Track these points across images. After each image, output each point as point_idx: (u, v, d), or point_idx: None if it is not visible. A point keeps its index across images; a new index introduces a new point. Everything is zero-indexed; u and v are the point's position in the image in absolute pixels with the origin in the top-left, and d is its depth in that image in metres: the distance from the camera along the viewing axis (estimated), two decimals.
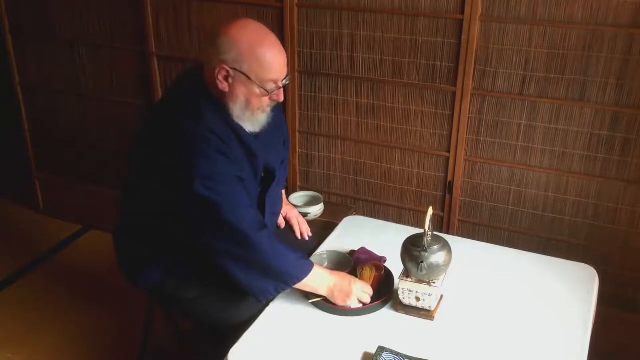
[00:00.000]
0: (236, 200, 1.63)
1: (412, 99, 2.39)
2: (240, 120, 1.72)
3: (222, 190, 1.61)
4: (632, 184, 2.18)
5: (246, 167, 1.74)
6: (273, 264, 1.66)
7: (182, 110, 1.69)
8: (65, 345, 2.48)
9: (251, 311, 1.75)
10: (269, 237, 1.66)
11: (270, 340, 1.62)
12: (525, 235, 2.40)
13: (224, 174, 1.63)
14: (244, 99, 1.67)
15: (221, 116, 1.69)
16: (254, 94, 1.67)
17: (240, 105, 1.68)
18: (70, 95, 3.08)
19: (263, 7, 2.49)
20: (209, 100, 1.69)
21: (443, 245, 1.66)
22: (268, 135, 1.84)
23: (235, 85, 1.65)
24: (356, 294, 1.73)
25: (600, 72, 2.09)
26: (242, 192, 1.66)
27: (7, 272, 2.94)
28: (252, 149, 1.75)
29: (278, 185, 1.95)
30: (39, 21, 2.99)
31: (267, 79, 1.66)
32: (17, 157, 3.45)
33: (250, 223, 1.63)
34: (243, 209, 1.63)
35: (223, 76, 1.64)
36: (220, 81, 1.65)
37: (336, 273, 1.77)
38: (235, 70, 1.63)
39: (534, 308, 1.74)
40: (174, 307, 2.00)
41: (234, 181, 1.65)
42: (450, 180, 2.44)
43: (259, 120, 1.75)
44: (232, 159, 1.67)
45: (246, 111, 1.70)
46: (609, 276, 2.26)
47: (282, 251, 1.68)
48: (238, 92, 1.66)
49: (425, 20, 2.26)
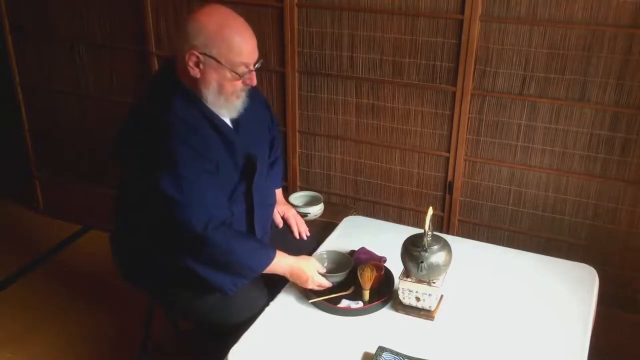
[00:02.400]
0: (191, 198, 1.61)
1: (412, 99, 2.39)
2: (215, 107, 1.72)
3: (182, 186, 1.61)
4: (632, 184, 2.18)
5: (222, 156, 1.74)
6: (230, 259, 1.67)
7: (152, 103, 1.70)
8: (65, 345, 2.48)
9: (251, 311, 1.75)
10: (225, 233, 1.65)
11: (270, 340, 1.62)
12: (525, 235, 2.40)
13: (186, 170, 1.62)
14: (216, 84, 1.67)
15: (194, 105, 1.69)
16: (226, 78, 1.67)
17: (213, 90, 1.68)
18: (70, 95, 3.08)
19: (263, 7, 2.49)
20: (179, 91, 1.69)
21: (443, 245, 1.66)
22: (250, 128, 1.84)
23: (206, 70, 1.65)
24: (314, 277, 1.75)
25: (600, 72, 2.09)
26: (203, 188, 1.64)
27: (7, 272, 2.94)
28: (229, 137, 1.75)
29: (264, 177, 1.92)
30: (39, 21, 2.99)
31: (238, 62, 1.66)
32: (17, 157, 3.45)
33: (202, 220, 1.61)
34: (197, 206, 1.62)
35: (194, 62, 1.64)
36: (191, 67, 1.65)
37: (300, 259, 1.78)
38: (205, 55, 1.63)
39: (534, 308, 1.74)
40: (173, 307, 2.00)
41: (197, 176, 1.63)
42: (450, 180, 2.44)
43: (235, 106, 1.75)
44: (200, 150, 1.66)
45: (220, 97, 1.70)
46: (609, 276, 2.26)
47: (240, 246, 1.68)
48: (210, 78, 1.66)
49: (425, 20, 2.26)
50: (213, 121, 1.72)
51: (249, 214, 1.84)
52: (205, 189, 1.65)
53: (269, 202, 2.00)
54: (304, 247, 2.07)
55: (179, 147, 1.62)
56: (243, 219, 1.84)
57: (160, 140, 1.63)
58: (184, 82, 1.70)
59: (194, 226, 1.61)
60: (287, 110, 2.61)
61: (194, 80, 1.68)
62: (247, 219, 1.84)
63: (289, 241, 2.10)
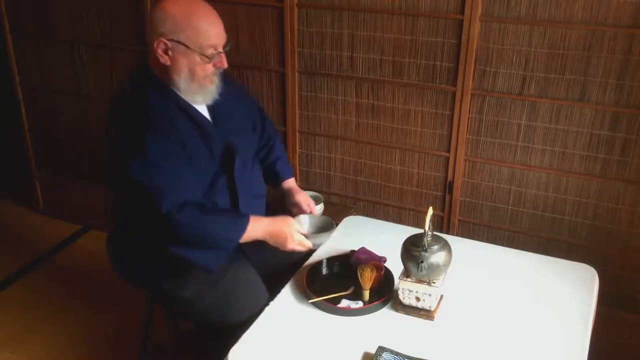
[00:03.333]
0: (160, 183, 1.63)
1: (412, 99, 2.39)
2: (189, 94, 1.73)
3: (150, 172, 1.62)
4: (632, 184, 2.18)
5: (196, 144, 1.74)
6: (205, 235, 1.68)
7: (125, 95, 1.74)
8: (65, 345, 2.48)
9: (250, 311, 1.76)
10: (193, 211, 1.65)
11: (270, 340, 1.62)
12: (525, 235, 2.40)
13: (155, 155, 1.63)
14: (187, 69, 1.69)
15: (166, 95, 1.71)
16: (196, 62, 1.69)
17: (184, 76, 1.70)
18: (70, 95, 3.08)
19: (263, 7, 2.49)
20: (151, 81, 1.72)
21: (443, 245, 1.66)
22: (229, 118, 1.85)
23: (176, 56, 1.67)
24: (293, 236, 1.76)
25: (600, 72, 2.09)
26: (172, 173, 1.65)
27: (7, 272, 2.94)
28: (203, 125, 1.76)
29: (249, 168, 1.92)
30: (39, 21, 2.99)
31: (206, 44, 1.68)
32: (17, 157, 3.45)
33: (172, 204, 1.62)
34: (167, 190, 1.63)
35: (162, 49, 1.66)
36: (160, 55, 1.67)
37: (276, 219, 1.78)
38: (173, 41, 1.65)
39: (533, 308, 1.74)
40: (171, 306, 2.00)
41: (165, 161, 1.65)
42: (450, 180, 2.44)
43: (209, 91, 1.76)
44: (170, 137, 1.67)
45: (192, 82, 1.71)
46: (609, 276, 2.26)
47: (212, 220, 1.69)
48: (180, 63, 1.68)
49: (425, 20, 2.26)
50: (186, 110, 1.74)
51: (234, 206, 1.85)
52: (175, 174, 1.66)
53: (258, 193, 1.98)
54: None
55: (147, 134, 1.64)
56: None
57: (130, 129, 1.66)
58: (156, 72, 1.72)
59: (164, 210, 1.62)
60: (287, 110, 2.61)
61: (165, 68, 1.70)
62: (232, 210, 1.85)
63: None
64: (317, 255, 1.97)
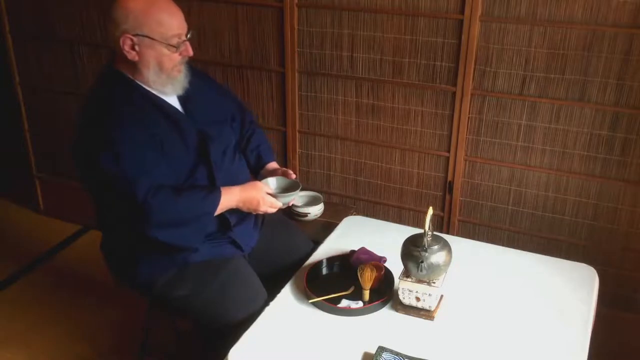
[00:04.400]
0: (132, 171, 1.64)
1: (412, 99, 2.39)
2: (159, 86, 1.75)
3: (120, 162, 1.63)
4: (632, 184, 2.18)
5: (168, 135, 1.76)
6: (182, 215, 1.70)
7: (92, 95, 1.76)
8: (65, 345, 2.48)
9: (247, 310, 1.76)
10: (166, 193, 1.67)
11: (270, 340, 1.62)
12: (525, 235, 2.40)
13: (125, 146, 1.65)
14: (155, 61, 1.71)
15: (134, 89, 1.74)
16: (163, 53, 1.71)
17: (154, 69, 1.72)
18: (70, 95, 3.08)
19: (263, 7, 2.49)
20: (118, 80, 1.74)
21: (443, 245, 1.66)
22: (202, 109, 1.87)
23: (143, 51, 1.69)
24: (264, 198, 1.79)
25: (600, 72, 2.09)
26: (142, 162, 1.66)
27: (7, 272, 2.94)
28: (173, 116, 1.78)
29: (229, 159, 1.93)
30: (39, 21, 2.99)
31: (171, 34, 1.70)
32: (17, 157, 3.45)
33: (144, 190, 1.63)
34: (138, 178, 1.64)
35: (129, 45, 1.68)
36: (127, 51, 1.68)
37: (245, 186, 1.81)
38: (138, 35, 1.67)
39: (533, 308, 1.74)
40: (167, 305, 1.99)
41: (135, 151, 1.66)
42: (450, 180, 2.44)
43: (179, 81, 1.78)
44: (139, 128, 1.69)
45: (161, 74, 1.74)
46: (609, 276, 2.26)
47: (185, 199, 1.70)
48: (148, 57, 1.70)
49: (425, 20, 2.26)
50: (155, 102, 1.76)
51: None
52: (145, 161, 1.67)
53: (239, 181, 1.96)
54: (302, 246, 2.07)
55: (115, 126, 1.66)
56: None
57: (98, 123, 1.68)
58: (123, 69, 1.74)
59: (138, 197, 1.63)
60: (287, 110, 2.62)
61: (133, 64, 1.71)
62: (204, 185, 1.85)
63: (289, 239, 2.09)
64: (317, 255, 1.97)
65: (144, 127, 1.70)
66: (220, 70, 2.67)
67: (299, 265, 1.92)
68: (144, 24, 1.66)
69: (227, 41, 2.61)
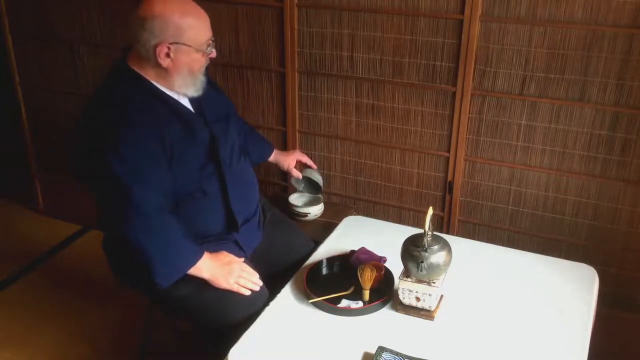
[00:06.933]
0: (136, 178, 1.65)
1: (412, 99, 2.39)
2: (184, 89, 1.77)
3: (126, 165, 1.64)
4: (632, 184, 2.18)
5: (180, 136, 1.76)
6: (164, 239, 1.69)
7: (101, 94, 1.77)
8: (66, 345, 2.48)
9: (247, 309, 1.76)
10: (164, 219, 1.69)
11: (270, 340, 1.62)
12: (525, 235, 2.41)
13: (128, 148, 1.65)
14: (187, 67, 1.74)
15: (147, 91, 1.74)
16: (195, 59, 1.74)
17: (183, 74, 1.74)
18: (70, 95, 3.08)
19: (263, 7, 2.49)
20: (131, 80, 1.74)
21: (443, 245, 1.66)
22: (211, 108, 1.89)
23: (177, 57, 1.71)
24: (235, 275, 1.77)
25: (600, 72, 2.09)
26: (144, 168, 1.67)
27: (7, 272, 2.94)
28: (187, 117, 1.79)
29: (237, 155, 1.94)
30: (39, 21, 2.99)
31: (204, 41, 1.74)
32: (17, 157, 3.45)
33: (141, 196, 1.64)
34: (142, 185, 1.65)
35: (165, 54, 1.69)
36: (162, 59, 1.69)
37: (217, 258, 1.79)
38: (176, 44, 1.68)
39: (533, 308, 1.74)
40: (167, 305, 1.99)
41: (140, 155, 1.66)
42: (450, 180, 2.44)
43: (201, 81, 1.81)
44: (150, 131, 1.69)
45: (189, 77, 1.76)
46: (609, 276, 2.26)
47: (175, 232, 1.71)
48: (181, 63, 1.72)
49: (425, 20, 2.26)
50: (169, 103, 1.77)
51: (224, 194, 1.86)
52: (146, 168, 1.67)
53: (246, 180, 1.99)
54: (302, 246, 2.07)
55: (128, 128, 1.66)
56: (219, 198, 1.86)
57: (106, 123, 1.68)
58: (139, 70, 1.74)
59: (132, 198, 1.64)
60: (287, 110, 2.61)
61: (160, 69, 1.72)
62: (222, 198, 1.86)
63: (289, 239, 2.09)
64: (317, 255, 1.97)
65: (154, 129, 1.70)
66: (220, 70, 2.67)
67: (299, 265, 1.93)
68: (183, 33, 1.68)
69: (227, 41, 2.61)
